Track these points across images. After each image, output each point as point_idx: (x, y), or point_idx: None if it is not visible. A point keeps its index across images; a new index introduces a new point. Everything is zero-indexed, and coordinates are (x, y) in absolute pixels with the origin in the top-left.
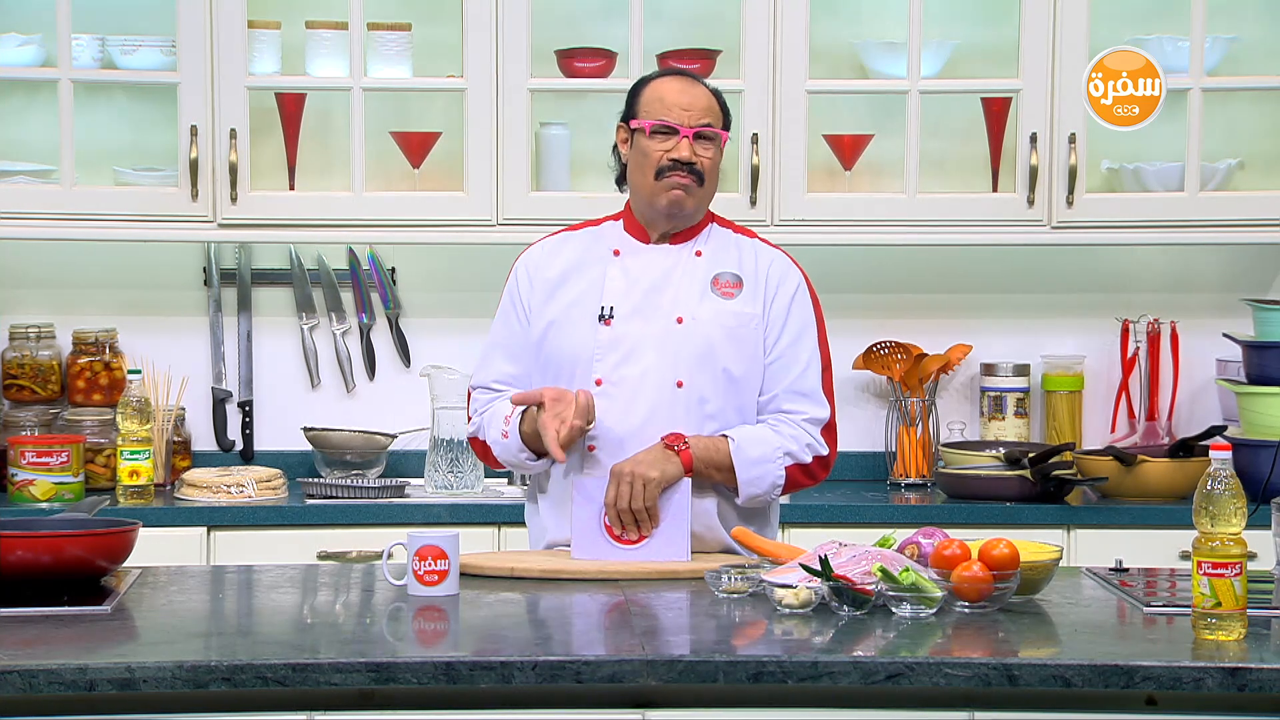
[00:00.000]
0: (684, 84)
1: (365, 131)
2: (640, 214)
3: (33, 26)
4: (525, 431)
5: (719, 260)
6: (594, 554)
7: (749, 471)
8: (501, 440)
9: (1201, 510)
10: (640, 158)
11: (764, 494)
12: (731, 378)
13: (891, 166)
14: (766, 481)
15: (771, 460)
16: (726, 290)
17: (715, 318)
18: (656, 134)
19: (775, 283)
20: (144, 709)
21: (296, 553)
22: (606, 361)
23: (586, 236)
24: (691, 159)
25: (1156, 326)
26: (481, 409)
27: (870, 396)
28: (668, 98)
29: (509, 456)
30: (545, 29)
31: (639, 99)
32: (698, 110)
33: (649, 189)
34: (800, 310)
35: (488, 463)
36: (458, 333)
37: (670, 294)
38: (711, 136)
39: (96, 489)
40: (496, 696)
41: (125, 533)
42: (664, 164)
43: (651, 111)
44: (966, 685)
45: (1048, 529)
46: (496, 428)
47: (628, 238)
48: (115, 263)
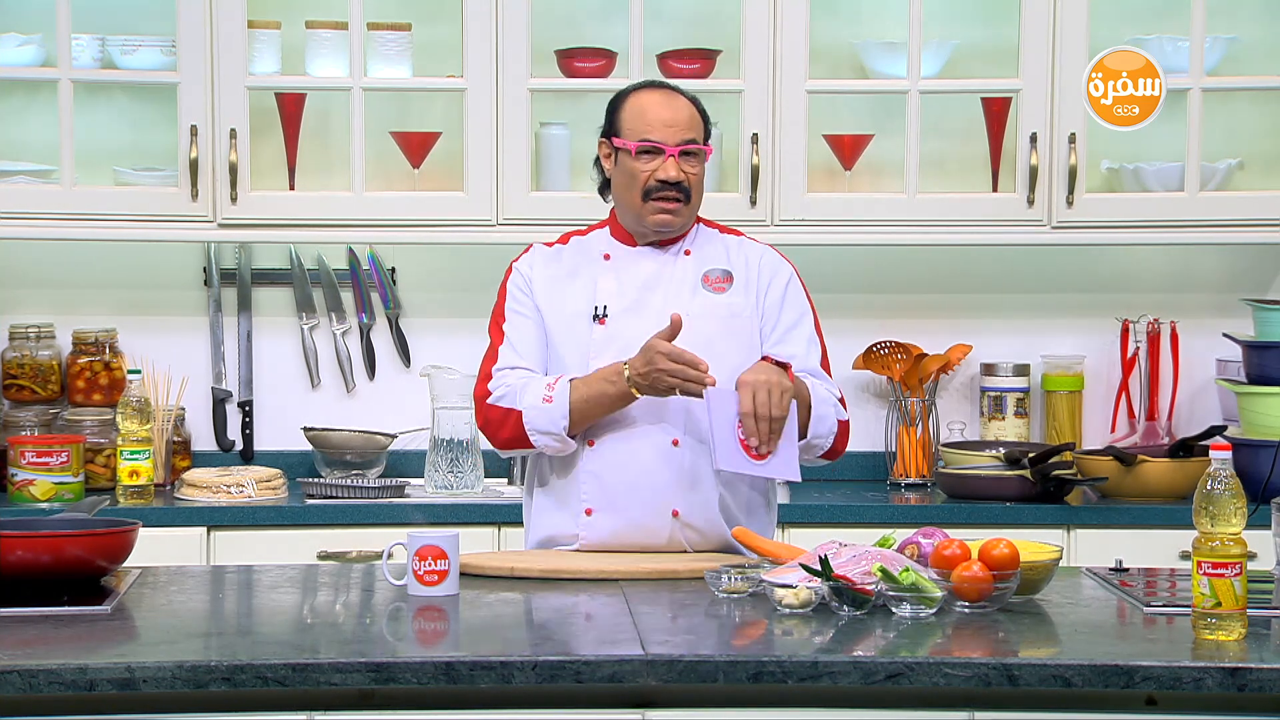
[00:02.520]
0: (664, 97)
1: (365, 131)
2: (627, 224)
3: (33, 26)
4: (575, 403)
5: (707, 258)
6: (734, 464)
7: (821, 408)
8: (541, 405)
9: (1201, 510)
10: (626, 177)
11: (824, 438)
12: (730, 369)
13: (891, 166)
14: (827, 423)
15: (831, 404)
16: (717, 286)
17: (709, 311)
18: (642, 154)
19: (768, 275)
20: (144, 709)
21: (296, 553)
22: (603, 358)
23: (575, 245)
24: (679, 178)
25: (1156, 326)
26: (511, 381)
27: (870, 396)
28: (649, 113)
29: (542, 423)
30: (545, 29)
31: (620, 115)
32: (681, 126)
33: (636, 208)
34: (795, 298)
35: (500, 436)
36: (458, 333)
37: (662, 292)
38: (696, 153)
39: (96, 489)
40: (496, 696)
41: (125, 533)
42: (651, 184)
43: (635, 130)
44: (966, 685)
45: (1048, 529)
46: (536, 394)
47: (615, 243)
48: (115, 263)
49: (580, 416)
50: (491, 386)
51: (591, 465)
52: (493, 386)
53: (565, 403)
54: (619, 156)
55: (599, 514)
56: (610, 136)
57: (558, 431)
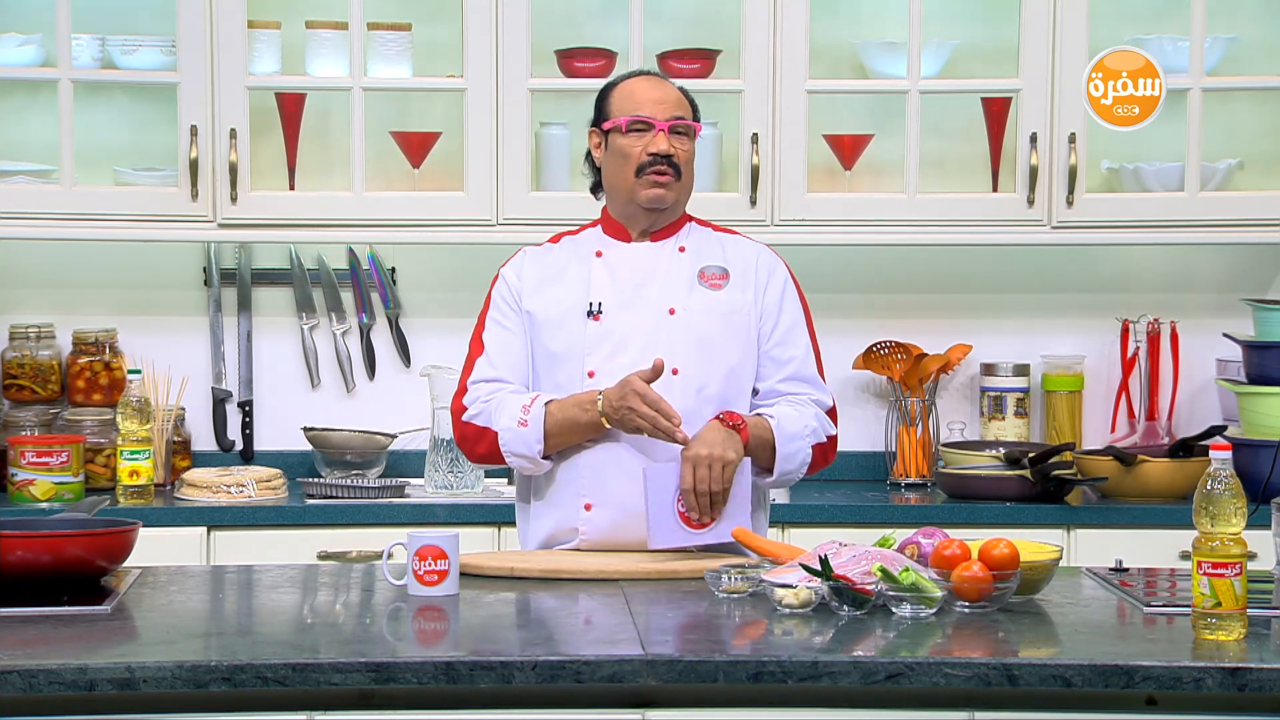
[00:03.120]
0: (652, 81)
1: (365, 131)
2: (619, 213)
3: (33, 26)
4: (550, 427)
5: (702, 254)
6: (670, 540)
7: (787, 447)
8: (517, 428)
9: (1201, 510)
10: (618, 157)
11: (794, 471)
12: (728, 365)
13: (891, 166)
14: (798, 459)
15: (802, 437)
16: (714, 282)
17: (707, 307)
18: (633, 130)
19: (766, 273)
20: (144, 709)
21: (296, 553)
22: (598, 354)
23: (566, 244)
24: (670, 151)
25: (1156, 326)
26: (486, 397)
27: (870, 396)
28: (638, 94)
29: (518, 447)
30: (545, 29)
31: (609, 101)
32: (670, 104)
33: (628, 186)
34: (792, 300)
35: (476, 450)
36: (458, 333)
37: (657, 287)
38: (685, 130)
39: (96, 489)
40: (496, 696)
41: (125, 533)
42: (643, 160)
43: (624, 109)
44: (966, 685)
45: (1048, 529)
46: (511, 415)
47: (608, 239)
48: (115, 263)
49: (555, 440)
50: (467, 401)
51: (590, 459)
52: (468, 401)
53: (540, 427)
54: (609, 139)
55: (599, 508)
56: (600, 125)
57: (532, 455)
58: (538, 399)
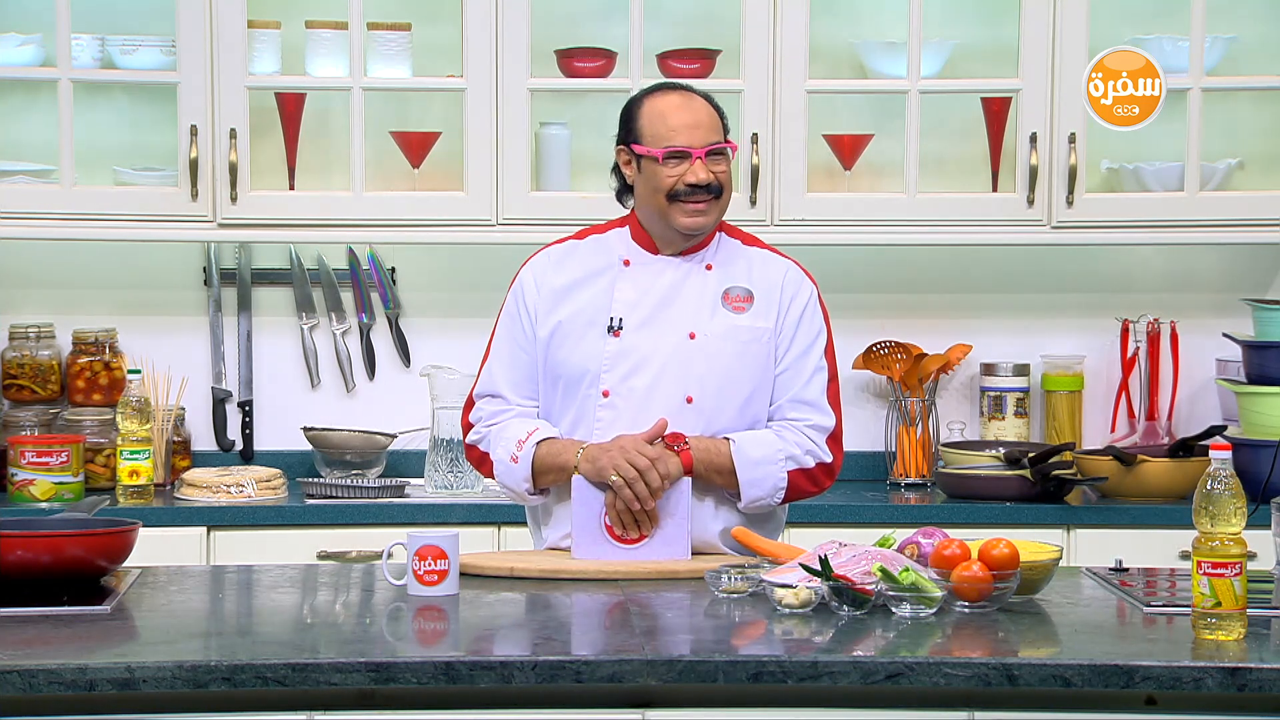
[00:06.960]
0: (682, 99)
1: (365, 131)
2: (652, 229)
3: (33, 26)
4: (538, 467)
5: (729, 274)
6: (594, 554)
7: (750, 472)
8: (509, 463)
9: (1201, 510)
10: (651, 185)
11: (766, 497)
12: (743, 394)
13: (891, 166)
14: (768, 484)
15: (773, 462)
16: (738, 305)
17: (728, 333)
18: (669, 159)
19: (790, 295)
20: (144, 709)
21: (296, 553)
22: (615, 373)
23: (593, 244)
24: (709, 180)
25: (1156, 326)
26: (489, 420)
27: (870, 396)
28: (670, 118)
29: (510, 481)
30: (545, 29)
31: (638, 121)
32: (705, 128)
33: (664, 212)
34: (811, 322)
35: (481, 471)
36: (458, 333)
37: (680, 307)
38: (722, 151)
39: (96, 489)
40: (496, 696)
41: (125, 533)
42: (679, 189)
43: (658, 135)
44: (966, 685)
45: (1048, 529)
46: (505, 449)
47: (636, 248)
48: (115, 263)
49: (545, 479)
50: (473, 418)
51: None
52: (474, 419)
53: (528, 467)
54: (642, 164)
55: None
56: (630, 144)
57: (521, 491)
58: (533, 434)
